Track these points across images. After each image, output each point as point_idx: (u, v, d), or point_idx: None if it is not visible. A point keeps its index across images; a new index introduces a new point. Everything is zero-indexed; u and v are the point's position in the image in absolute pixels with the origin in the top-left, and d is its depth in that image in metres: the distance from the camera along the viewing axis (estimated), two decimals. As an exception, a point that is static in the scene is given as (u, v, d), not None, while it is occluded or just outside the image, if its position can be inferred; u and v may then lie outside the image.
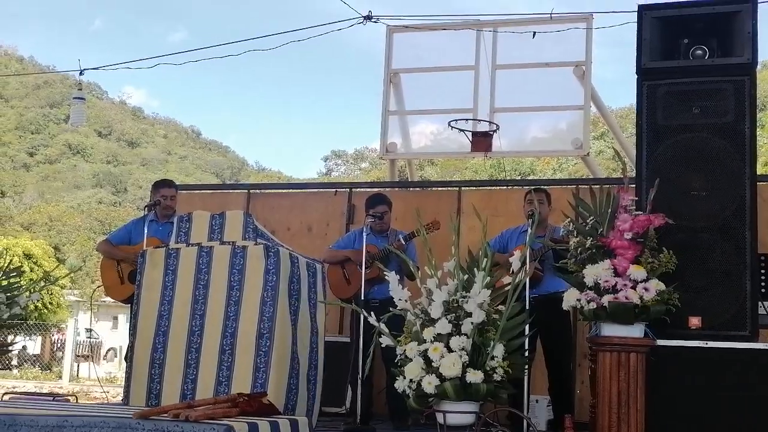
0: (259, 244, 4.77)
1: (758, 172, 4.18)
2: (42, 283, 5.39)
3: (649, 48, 4.09)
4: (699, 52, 4.06)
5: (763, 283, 5.48)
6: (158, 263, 4.94)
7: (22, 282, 5.11)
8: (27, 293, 4.90)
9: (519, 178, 22.69)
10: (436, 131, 9.21)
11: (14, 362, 23.38)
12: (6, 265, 4.91)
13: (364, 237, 6.20)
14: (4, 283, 4.73)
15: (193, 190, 9.17)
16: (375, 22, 9.39)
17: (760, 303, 4.15)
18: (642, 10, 4.14)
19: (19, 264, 5.66)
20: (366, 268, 6.14)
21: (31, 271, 22.70)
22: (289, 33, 8.96)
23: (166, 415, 3.51)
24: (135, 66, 10.08)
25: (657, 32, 4.10)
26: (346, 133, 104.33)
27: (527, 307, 5.27)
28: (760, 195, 4.62)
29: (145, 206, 6.51)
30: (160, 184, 6.69)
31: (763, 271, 5.51)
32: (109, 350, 26.92)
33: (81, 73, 10.18)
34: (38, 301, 23.62)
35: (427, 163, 29.18)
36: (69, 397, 6.86)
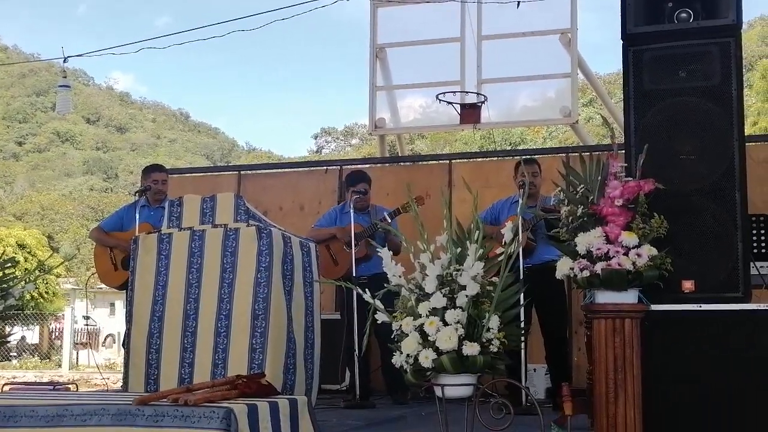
0: (251, 226, 4.77)
1: (746, 133, 4.17)
2: (36, 273, 5.35)
3: (634, 13, 4.05)
4: (683, 15, 4.03)
5: (754, 244, 5.51)
6: (151, 248, 4.93)
7: (16, 273, 5.09)
8: (21, 284, 4.87)
9: (509, 148, 22.68)
10: (424, 104, 9.20)
11: (13, 353, 23.42)
12: (0, 255, 4.89)
13: (352, 215, 6.20)
14: (-1, 275, 4.71)
15: (184, 173, 9.18)
16: (358, -4, 9.35)
17: (752, 263, 4.17)
18: (625, -26, 4.11)
19: (13, 255, 5.63)
20: (354, 246, 6.15)
21: (25, 261, 22.71)
22: (273, 12, 8.91)
23: (165, 400, 3.52)
24: (119, 51, 10.03)
25: (641, -4, 4.09)
26: (336, 110, 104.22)
27: (521, 277, 5.31)
28: (749, 156, 4.61)
29: (136, 192, 6.50)
30: (151, 169, 6.66)
31: (754, 232, 5.54)
32: (107, 337, 26.97)
33: (65, 61, 10.18)
34: (34, 290, 23.66)
35: (417, 137, 29.14)
36: (69, 386, 6.87)
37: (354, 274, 5.98)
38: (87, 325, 25.45)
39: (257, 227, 4.74)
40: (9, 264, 4.92)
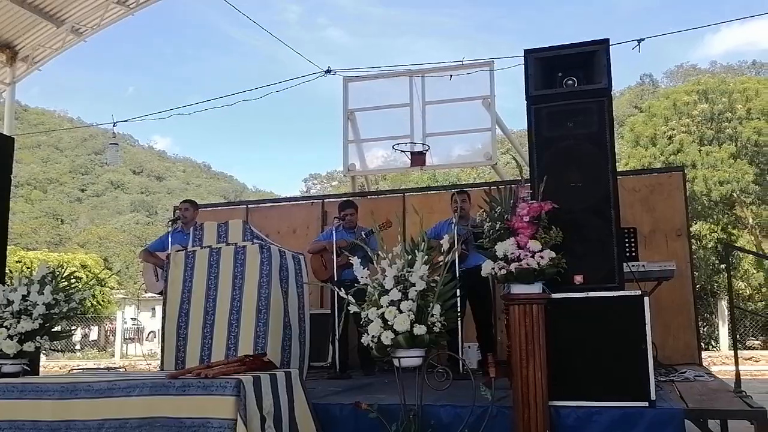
0: (255, 244, 4.73)
1: (619, 170, 4.22)
2: (93, 283, 5.25)
3: (534, 80, 4.11)
4: (570, 81, 4.09)
5: (626, 249, 5.57)
6: (179, 263, 4.87)
7: (79, 285, 4.98)
8: (81, 292, 4.77)
9: (448, 184, 22.73)
10: (385, 155, 9.25)
11: (77, 347, 22.97)
12: (64, 271, 4.80)
13: (334, 234, 6.21)
14: (64, 284, 4.61)
15: (207, 208, 9.08)
16: (333, 74, 9.41)
17: (625, 264, 4.20)
18: (527, 53, 4.16)
19: (74, 269, 5.53)
20: (337, 256, 6.13)
21: (86, 277, 22.31)
22: (270, 86, 8.95)
23: (190, 374, 3.46)
24: (156, 117, 10.02)
25: (539, 69, 4.13)
26: (320, 160, 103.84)
27: (458, 278, 5.30)
28: (621, 185, 4.70)
29: (169, 220, 6.46)
30: (182, 203, 6.80)
31: (625, 241, 5.61)
32: (150, 333, 26.48)
33: (114, 125, 10.14)
34: (93, 298, 23.26)
35: (381, 178, 29.13)
36: (120, 369, 6.75)
37: (340, 278, 5.96)
38: (134, 324, 25.04)
39: (260, 244, 4.71)
40: (72, 277, 4.82)
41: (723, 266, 17.26)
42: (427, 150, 8.47)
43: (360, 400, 3.87)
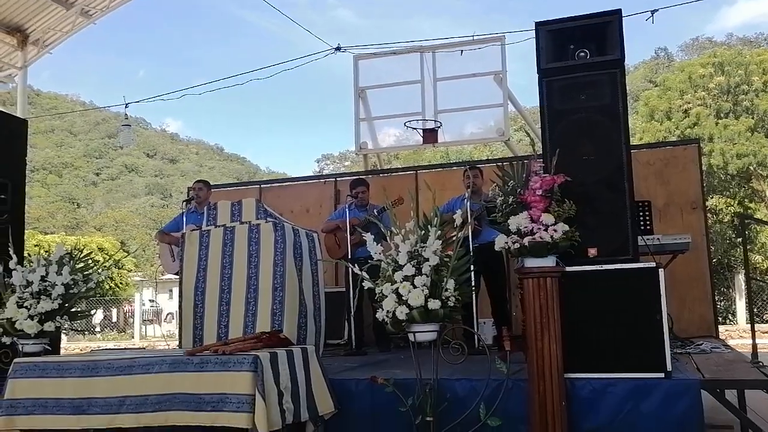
0: (269, 222, 4.74)
1: (633, 144, 4.16)
2: (110, 265, 5.31)
3: (545, 53, 4.07)
4: (582, 53, 4.04)
5: (640, 223, 5.55)
6: (194, 242, 4.91)
7: (95, 266, 5.03)
8: (99, 274, 4.83)
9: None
10: (397, 133, 9.22)
11: (98, 329, 23.27)
12: (82, 252, 4.86)
13: (347, 212, 6.22)
14: (81, 265, 4.67)
15: (221, 188, 9.13)
16: (343, 52, 9.36)
17: (639, 238, 4.19)
18: (538, 25, 4.12)
19: (90, 251, 5.59)
20: (351, 235, 6.15)
21: (103, 260, 22.52)
22: (280, 64, 8.93)
23: (208, 351, 3.51)
24: (167, 98, 10.04)
25: (550, 42, 4.09)
26: (332, 140, 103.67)
27: (471, 254, 5.31)
28: (635, 159, 4.66)
29: (183, 201, 6.51)
30: (195, 183, 6.85)
31: (640, 213, 5.58)
32: (168, 314, 26.75)
33: (126, 107, 10.19)
34: (111, 281, 23.52)
35: (393, 157, 29.05)
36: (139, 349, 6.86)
37: (354, 256, 5.98)
38: (152, 306, 25.31)
39: (273, 223, 4.72)
40: (89, 259, 4.88)
41: (740, 240, 17.14)
42: (439, 127, 8.43)
43: (376, 375, 3.91)
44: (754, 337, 4.63)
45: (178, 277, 6.31)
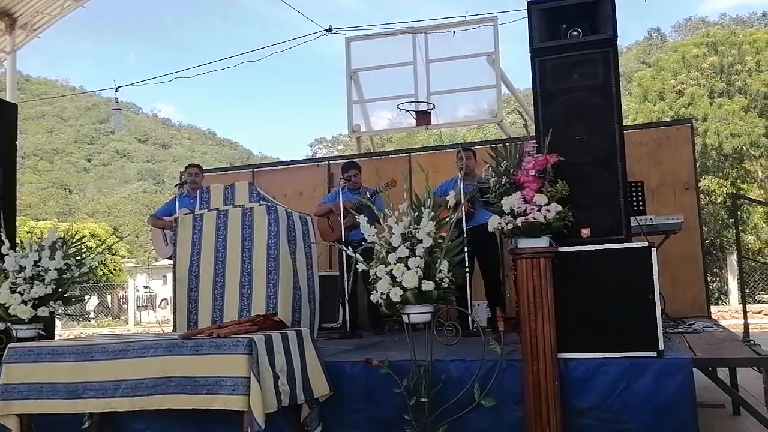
0: (262, 205, 4.73)
1: (626, 125, 4.15)
2: (102, 249, 5.30)
3: (538, 32, 4.05)
4: (574, 32, 4.02)
5: (634, 203, 5.57)
6: (187, 226, 4.89)
7: (88, 252, 5.02)
8: (91, 257, 4.82)
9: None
10: (390, 116, 9.19)
11: (92, 315, 23.27)
12: (74, 236, 4.84)
13: (340, 195, 6.21)
14: (74, 250, 4.65)
15: (213, 173, 9.09)
16: (335, 33, 9.30)
17: (632, 218, 4.20)
18: (530, 4, 4.09)
19: (83, 235, 5.57)
20: (344, 218, 6.15)
21: (96, 246, 22.47)
22: (271, 46, 8.87)
23: (202, 334, 3.51)
24: (158, 81, 9.97)
25: (542, 20, 4.06)
26: (325, 124, 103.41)
27: (465, 236, 5.31)
28: (629, 139, 4.66)
29: (176, 185, 6.49)
30: (187, 167, 6.82)
31: (633, 194, 5.60)
32: (162, 300, 26.77)
33: (116, 90, 10.10)
34: (104, 266, 23.49)
35: (386, 141, 29.01)
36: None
37: (347, 239, 5.98)
38: (146, 292, 25.32)
39: (267, 206, 4.71)
40: (81, 244, 4.86)
41: (732, 221, 17.22)
42: (431, 109, 8.41)
43: (371, 357, 3.92)
44: (746, 316, 4.66)
45: (171, 262, 6.34)
